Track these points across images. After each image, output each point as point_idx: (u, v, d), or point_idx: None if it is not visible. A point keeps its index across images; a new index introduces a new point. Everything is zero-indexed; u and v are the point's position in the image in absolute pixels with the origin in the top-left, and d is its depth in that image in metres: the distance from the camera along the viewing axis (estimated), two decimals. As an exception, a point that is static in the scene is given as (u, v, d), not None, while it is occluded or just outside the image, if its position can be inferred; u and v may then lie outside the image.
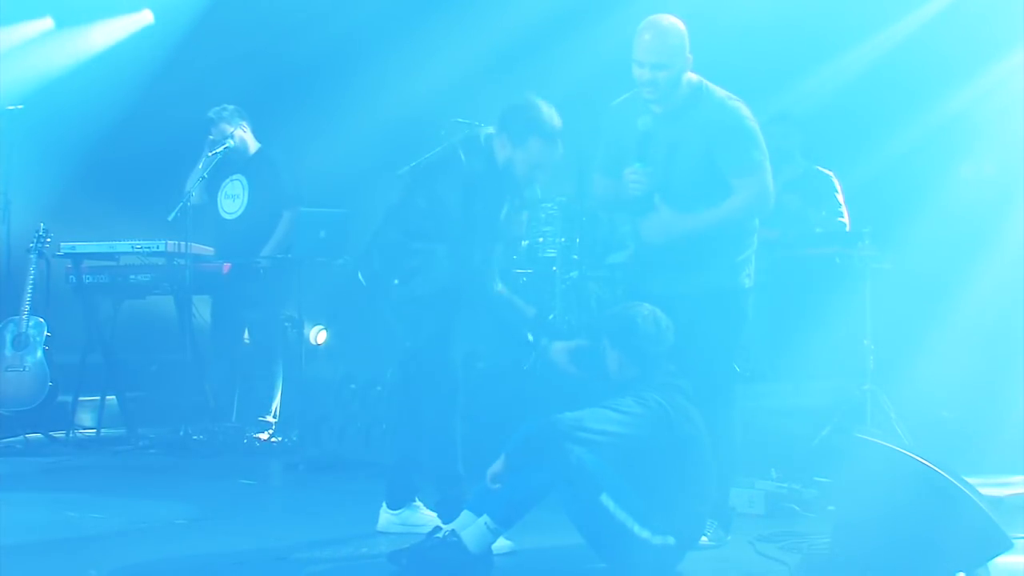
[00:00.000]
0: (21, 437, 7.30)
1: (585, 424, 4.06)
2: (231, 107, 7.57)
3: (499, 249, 4.83)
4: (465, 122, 6.05)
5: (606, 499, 4.07)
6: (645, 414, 4.16)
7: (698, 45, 4.56)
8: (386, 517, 4.87)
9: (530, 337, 4.61)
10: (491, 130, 4.71)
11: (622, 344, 4.35)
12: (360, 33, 8.94)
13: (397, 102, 8.55)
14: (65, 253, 7.34)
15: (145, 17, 9.50)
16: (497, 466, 4.11)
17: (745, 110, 4.71)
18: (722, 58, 7.86)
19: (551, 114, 4.61)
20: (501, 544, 4.31)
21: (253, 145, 7.65)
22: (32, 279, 7.29)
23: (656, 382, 4.29)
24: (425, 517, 4.78)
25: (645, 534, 4.09)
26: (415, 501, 4.86)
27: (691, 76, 4.69)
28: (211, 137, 7.50)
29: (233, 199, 7.62)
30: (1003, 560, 3.96)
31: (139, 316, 8.02)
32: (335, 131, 8.72)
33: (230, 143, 7.34)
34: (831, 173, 7.40)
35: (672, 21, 4.66)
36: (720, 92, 4.71)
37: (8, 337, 7.26)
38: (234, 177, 7.62)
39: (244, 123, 7.58)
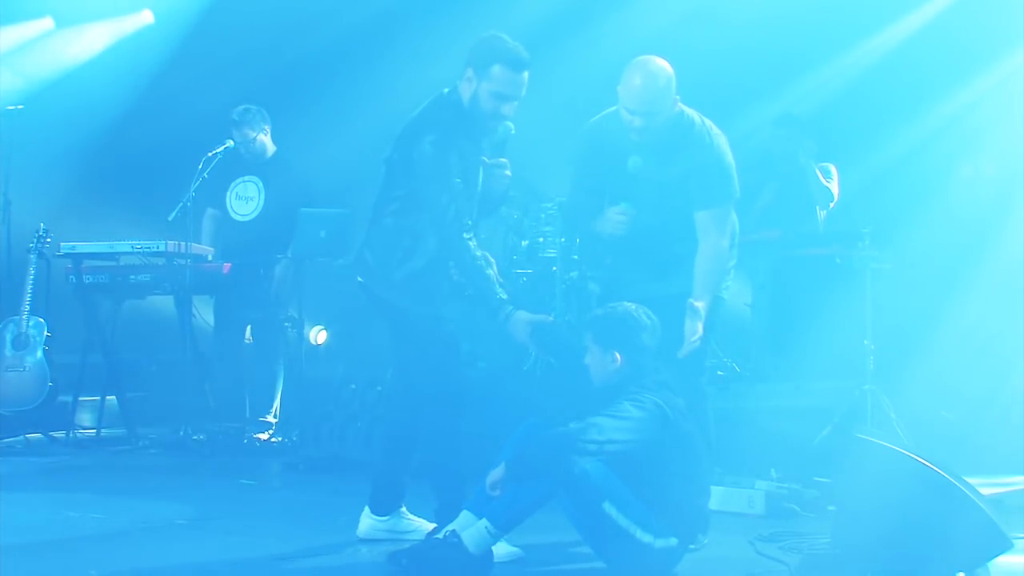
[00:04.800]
0: (21, 437, 7.30)
1: (588, 435, 4.03)
2: (254, 108, 7.50)
3: (475, 204, 4.65)
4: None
5: (608, 507, 4.07)
6: (645, 417, 4.14)
7: (700, 45, 4.57)
8: (370, 523, 4.74)
9: (503, 295, 4.46)
10: (450, 88, 4.64)
11: (621, 342, 4.31)
12: (360, 33, 8.95)
13: (398, 102, 8.50)
14: (65, 253, 7.32)
15: (145, 17, 9.50)
16: (497, 474, 4.09)
17: (722, 141, 4.74)
18: (724, 58, 7.94)
19: (515, 44, 4.57)
20: (508, 551, 4.33)
21: (271, 148, 7.60)
22: (32, 279, 7.29)
23: (647, 381, 4.27)
24: (413, 524, 4.72)
25: (648, 538, 4.09)
26: (402, 507, 4.77)
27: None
28: (235, 139, 7.40)
29: (247, 201, 7.59)
30: (1003, 560, 3.96)
31: (139, 316, 8.03)
32: (335, 131, 8.73)
33: (229, 143, 7.32)
34: (831, 165, 7.40)
35: (660, 65, 4.67)
36: (698, 122, 4.74)
37: (8, 337, 7.26)
38: (247, 178, 7.58)
39: (267, 126, 7.54)
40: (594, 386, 4.38)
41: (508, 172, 4.67)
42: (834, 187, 7.32)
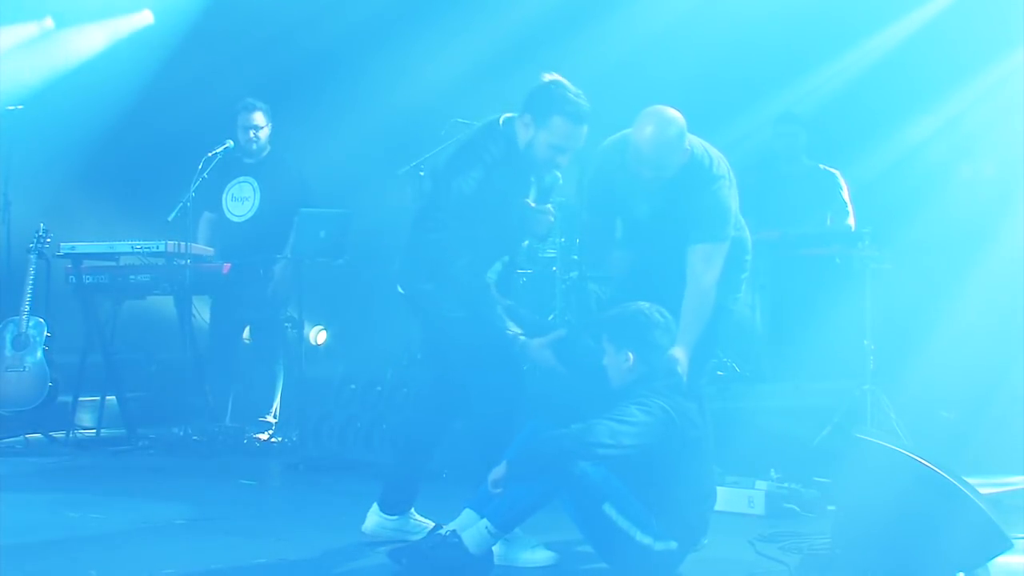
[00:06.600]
0: (21, 437, 7.30)
1: (590, 439, 4.01)
2: (265, 105, 7.58)
3: (517, 245, 4.71)
4: (465, 122, 6.03)
5: (608, 508, 4.08)
6: (650, 423, 4.10)
7: (700, 45, 4.55)
8: (378, 520, 4.74)
9: (514, 329, 4.43)
10: (510, 115, 4.59)
11: (633, 340, 4.28)
12: (359, 34, 8.94)
13: (397, 102, 8.56)
14: (65, 253, 7.32)
15: (145, 17, 9.50)
16: (499, 472, 4.09)
17: (725, 184, 4.73)
18: (724, 58, 7.94)
19: (578, 94, 4.49)
20: (543, 556, 4.35)
21: (268, 147, 7.64)
22: (32, 279, 7.29)
23: (658, 384, 4.24)
24: (420, 525, 4.73)
25: (647, 540, 4.09)
26: (411, 508, 4.78)
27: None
28: (244, 123, 7.46)
29: (242, 201, 7.60)
30: (1003, 560, 3.96)
31: (139, 316, 8.03)
32: (335, 131, 8.73)
33: (229, 143, 7.32)
34: (836, 172, 7.40)
35: (671, 116, 4.62)
36: (706, 164, 4.71)
37: (8, 337, 7.26)
38: (242, 179, 7.59)
39: (271, 123, 7.60)
40: (612, 388, 4.33)
41: (552, 218, 4.65)
42: (845, 195, 7.33)
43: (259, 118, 7.50)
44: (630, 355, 4.29)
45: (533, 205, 4.59)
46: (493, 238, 4.54)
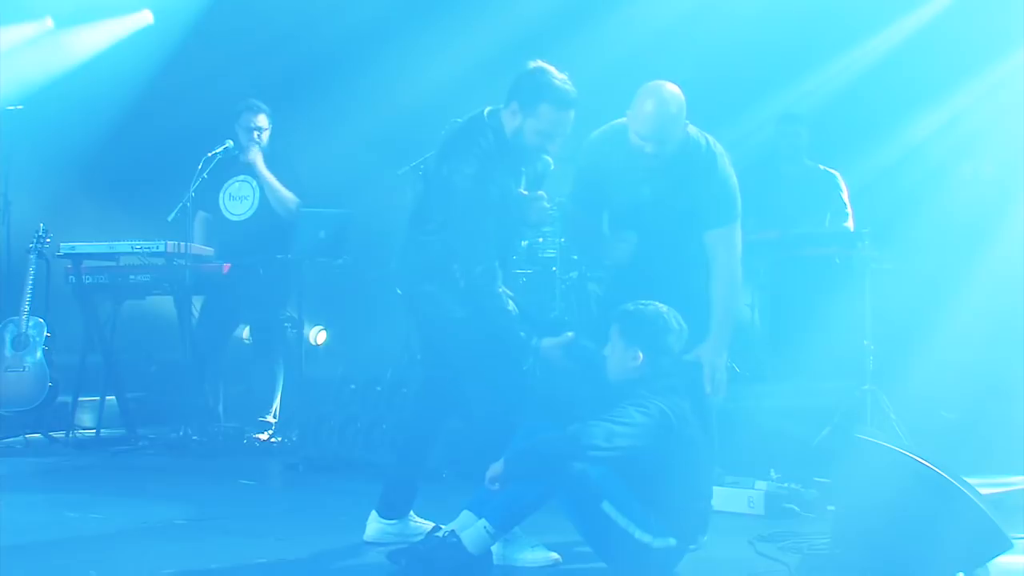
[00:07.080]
0: (21, 437, 7.30)
1: (585, 441, 4.01)
2: (267, 108, 7.61)
3: (510, 234, 4.69)
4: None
5: (607, 506, 4.07)
6: (648, 423, 4.10)
7: (701, 45, 4.56)
8: (378, 526, 4.72)
9: (522, 334, 4.45)
10: (492, 108, 4.57)
11: (645, 340, 4.28)
12: (359, 34, 8.95)
13: (397, 102, 8.56)
14: (65, 253, 7.32)
15: (145, 17, 9.50)
16: (497, 468, 4.08)
17: (726, 161, 4.75)
18: (724, 57, 7.94)
19: (564, 80, 4.48)
20: (543, 556, 4.35)
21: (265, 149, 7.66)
22: (32, 279, 7.29)
23: (657, 385, 4.24)
24: (420, 527, 4.71)
25: (646, 538, 4.09)
26: (411, 511, 4.78)
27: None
28: (248, 124, 7.48)
29: (241, 200, 7.60)
30: (1003, 560, 3.96)
31: (139, 316, 8.03)
32: (335, 131, 8.73)
33: (229, 144, 7.32)
34: (836, 172, 7.40)
35: (672, 91, 4.64)
36: (703, 144, 4.73)
37: (8, 337, 7.26)
38: (240, 178, 7.59)
39: (271, 126, 7.62)
40: (608, 379, 4.34)
41: (547, 204, 4.65)
42: (845, 196, 7.33)
43: (263, 120, 7.52)
44: (639, 354, 4.29)
45: (525, 193, 4.59)
46: (496, 232, 4.51)
